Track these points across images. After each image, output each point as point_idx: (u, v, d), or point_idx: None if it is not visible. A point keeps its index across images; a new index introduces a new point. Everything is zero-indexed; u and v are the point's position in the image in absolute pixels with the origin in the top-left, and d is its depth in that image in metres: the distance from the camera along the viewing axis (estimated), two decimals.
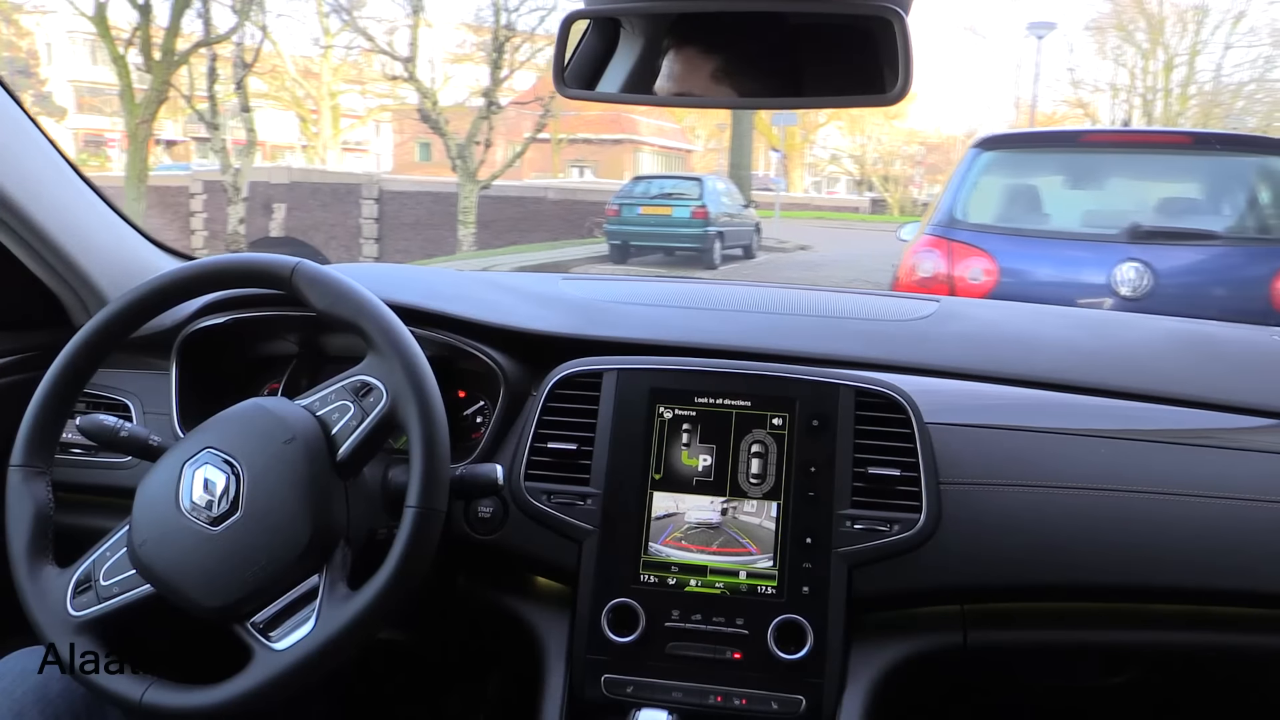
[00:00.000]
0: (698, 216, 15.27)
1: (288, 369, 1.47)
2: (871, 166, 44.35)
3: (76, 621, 1.05)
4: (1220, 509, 1.19)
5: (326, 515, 1.01)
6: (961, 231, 4.08)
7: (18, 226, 1.38)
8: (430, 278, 1.57)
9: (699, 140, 45.87)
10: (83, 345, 1.14)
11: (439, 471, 1.00)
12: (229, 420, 1.08)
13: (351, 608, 0.97)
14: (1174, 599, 1.20)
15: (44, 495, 1.11)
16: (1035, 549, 1.18)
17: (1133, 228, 3.89)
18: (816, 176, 49.53)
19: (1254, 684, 1.46)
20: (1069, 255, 4.03)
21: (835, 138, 46.47)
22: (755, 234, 17.56)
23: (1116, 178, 4.47)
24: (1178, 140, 4.59)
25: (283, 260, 1.09)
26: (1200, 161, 4.28)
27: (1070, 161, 4.48)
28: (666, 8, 1.07)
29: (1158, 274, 3.72)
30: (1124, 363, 1.43)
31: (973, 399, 1.34)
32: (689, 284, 1.82)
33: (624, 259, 15.94)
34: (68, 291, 1.49)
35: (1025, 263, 4.00)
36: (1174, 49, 35.29)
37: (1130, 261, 3.74)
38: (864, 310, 1.60)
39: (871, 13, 0.98)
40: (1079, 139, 4.60)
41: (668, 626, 1.16)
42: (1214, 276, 3.84)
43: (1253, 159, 4.17)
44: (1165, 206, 4.29)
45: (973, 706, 1.51)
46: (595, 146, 39.10)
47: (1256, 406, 1.32)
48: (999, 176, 4.35)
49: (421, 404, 1.01)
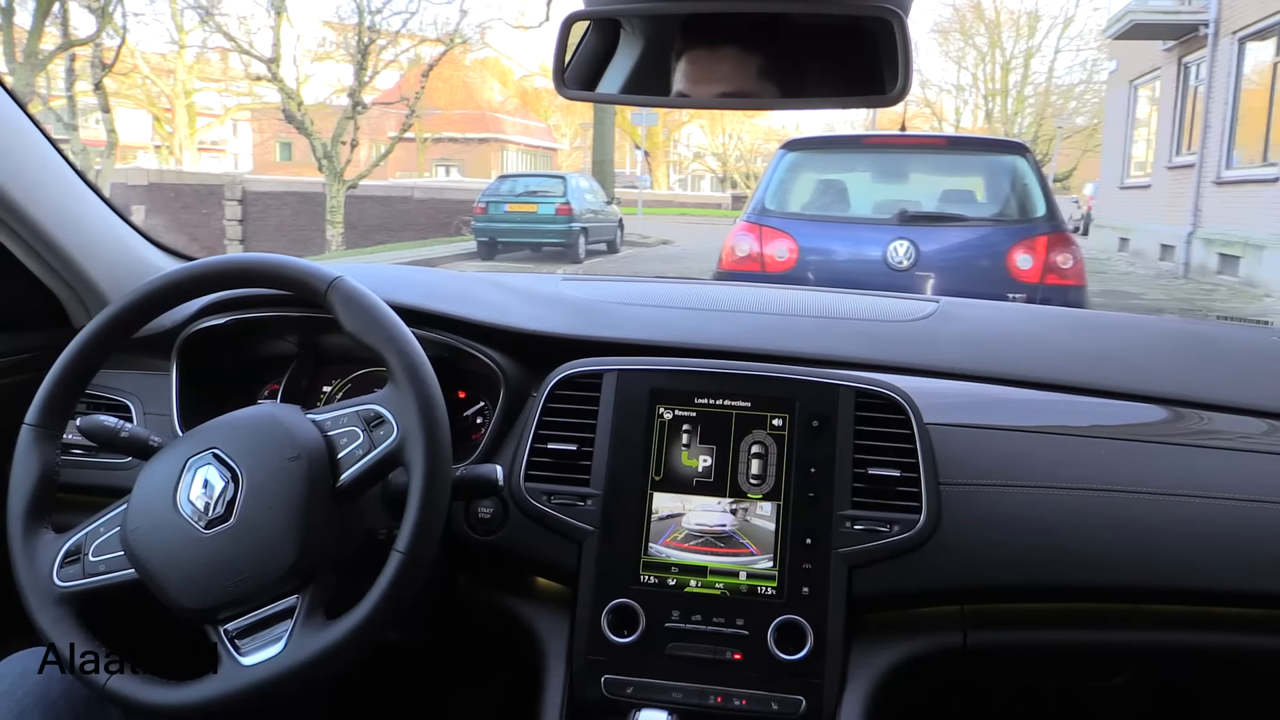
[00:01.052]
0: (562, 213, 15.60)
1: (288, 369, 1.47)
2: (734, 164, 45.54)
3: (59, 591, 1.05)
4: (1220, 509, 1.18)
5: (316, 539, 0.99)
6: (770, 218, 4.91)
7: (18, 227, 1.38)
8: (432, 278, 1.56)
9: (564, 139, 46.05)
10: (125, 312, 1.13)
11: (433, 522, 0.99)
12: (239, 424, 1.06)
13: (321, 640, 0.97)
14: (1174, 599, 1.19)
15: (52, 459, 1.11)
16: (1035, 549, 1.17)
17: (901, 213, 4.78)
18: (681, 174, 50.49)
19: (1254, 684, 1.44)
20: (853, 235, 4.91)
21: (698, 136, 47.59)
22: (619, 229, 18.10)
23: (892, 172, 5.42)
24: (936, 142, 5.67)
25: (322, 272, 1.08)
26: (955, 159, 5.33)
27: (856, 160, 5.43)
28: (667, 8, 1.07)
29: (920, 250, 4.60)
30: (1124, 363, 1.42)
31: (973, 399, 1.34)
32: (689, 285, 1.82)
33: (492, 255, 16.20)
34: (68, 291, 1.49)
35: (819, 242, 4.85)
36: (1010, 52, 37.67)
37: (900, 240, 4.62)
38: (864, 311, 1.59)
39: (871, 13, 0.99)
40: (862, 141, 5.58)
41: (668, 627, 1.16)
42: (964, 251, 4.74)
43: (994, 157, 5.18)
44: (927, 195, 5.25)
45: (973, 707, 1.48)
46: (461, 145, 38.89)
47: (1256, 407, 1.32)
48: (800, 172, 5.21)
49: (429, 449, 0.99)
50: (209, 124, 35.04)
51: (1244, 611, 1.21)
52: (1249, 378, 1.41)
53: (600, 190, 17.88)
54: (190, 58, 27.64)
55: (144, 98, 29.38)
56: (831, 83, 1.10)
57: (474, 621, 1.39)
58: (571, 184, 16.39)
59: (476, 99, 38.82)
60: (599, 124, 21.90)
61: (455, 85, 35.07)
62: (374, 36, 19.03)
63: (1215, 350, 1.54)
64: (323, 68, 27.71)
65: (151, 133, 32.23)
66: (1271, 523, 1.17)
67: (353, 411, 1.05)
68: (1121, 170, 19.66)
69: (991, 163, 5.11)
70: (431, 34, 22.07)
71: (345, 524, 1.03)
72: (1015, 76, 38.12)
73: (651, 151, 38.28)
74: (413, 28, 28.48)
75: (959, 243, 4.76)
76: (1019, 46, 37.60)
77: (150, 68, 27.54)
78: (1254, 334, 1.71)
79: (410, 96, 20.08)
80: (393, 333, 1.04)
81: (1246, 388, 1.36)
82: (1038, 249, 4.55)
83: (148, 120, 31.68)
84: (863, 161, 5.39)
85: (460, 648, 1.61)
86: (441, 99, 33.43)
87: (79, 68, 15.38)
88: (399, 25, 21.41)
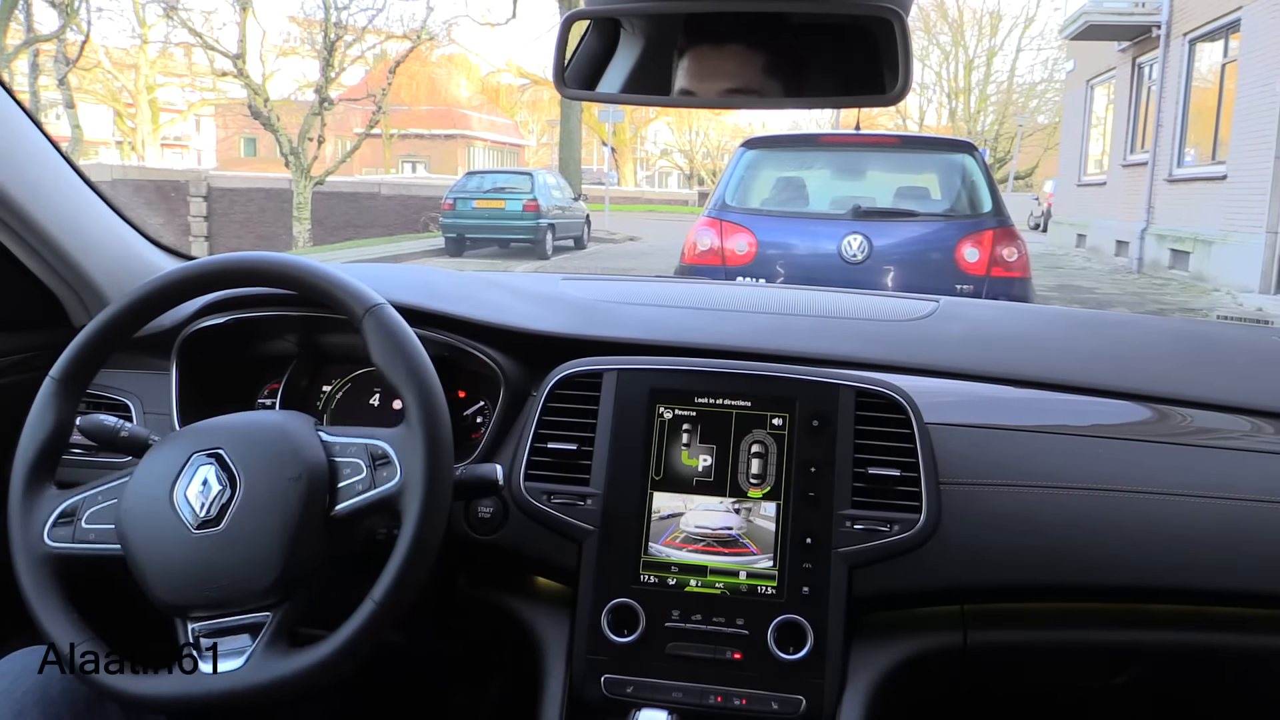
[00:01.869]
0: (530, 209, 15.75)
1: (288, 369, 1.47)
2: (701, 161, 45.86)
3: (46, 551, 1.05)
4: (1220, 509, 1.18)
5: (298, 562, 0.99)
6: (730, 213, 5.09)
7: (18, 226, 1.38)
8: (432, 278, 1.55)
9: (531, 135, 46.07)
10: (170, 285, 1.12)
11: (413, 574, 0.98)
12: (251, 430, 1.06)
13: (277, 669, 0.97)
14: (1174, 599, 1.19)
15: (68, 418, 1.11)
16: (1035, 549, 1.17)
17: (855, 208, 5.00)
18: (648, 171, 50.64)
19: (1254, 684, 1.43)
20: (809, 230, 5.10)
21: (665, 133, 47.81)
22: (586, 225, 18.29)
23: (848, 170, 5.62)
24: (889, 141, 5.87)
25: (366, 295, 1.07)
26: (907, 157, 5.57)
27: (813, 157, 5.63)
28: (667, 8, 1.07)
29: (874, 244, 4.80)
30: (1124, 363, 1.42)
31: (973, 399, 1.34)
32: (689, 284, 1.81)
33: (460, 251, 16.32)
34: (68, 291, 1.49)
35: (777, 236, 5.04)
36: (973, 51, 38.18)
37: (854, 234, 4.81)
38: (864, 310, 1.59)
39: (871, 13, 0.99)
40: (819, 140, 5.78)
41: (668, 627, 1.16)
42: (915, 245, 4.95)
43: (944, 155, 5.42)
44: (881, 191, 5.45)
45: (973, 707, 1.48)
46: (427, 141, 38.75)
47: (1256, 406, 1.32)
48: (759, 170, 5.41)
49: (426, 502, 0.99)
50: (172, 119, 34.75)
51: (1244, 611, 1.21)
52: (1249, 378, 1.40)
53: (567, 187, 18.06)
54: (153, 52, 27.38)
55: (105, 93, 29.11)
56: (832, 82, 1.11)
57: (474, 621, 1.38)
58: (539, 181, 16.53)
59: (443, 95, 38.75)
60: (566, 121, 21.99)
61: (421, 81, 35.00)
62: (340, 32, 19.04)
63: (1215, 350, 1.54)
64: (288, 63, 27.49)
65: (113, 128, 31.90)
66: (1271, 523, 1.17)
67: (362, 444, 1.04)
68: (1079, 168, 20.08)
69: (942, 161, 5.35)
70: (398, 30, 22.12)
71: (332, 548, 1.03)
72: (978, 75, 38.69)
73: (618, 148, 38.38)
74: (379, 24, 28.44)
75: (910, 237, 4.97)
76: (981, 45, 38.19)
77: (112, 62, 27.26)
78: (1254, 334, 1.69)
79: (377, 93, 20.04)
80: (418, 375, 1.03)
81: (1246, 388, 1.36)
82: (984, 243, 4.77)
83: (109, 115, 31.35)
84: (819, 159, 5.60)
85: (460, 648, 1.60)
86: (408, 95, 33.38)
87: (42, 62, 15.26)
88: (365, 21, 21.44)
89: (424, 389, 1.02)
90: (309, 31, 24.75)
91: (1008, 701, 1.50)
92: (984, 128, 38.81)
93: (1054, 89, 35.30)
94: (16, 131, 1.38)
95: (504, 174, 18.09)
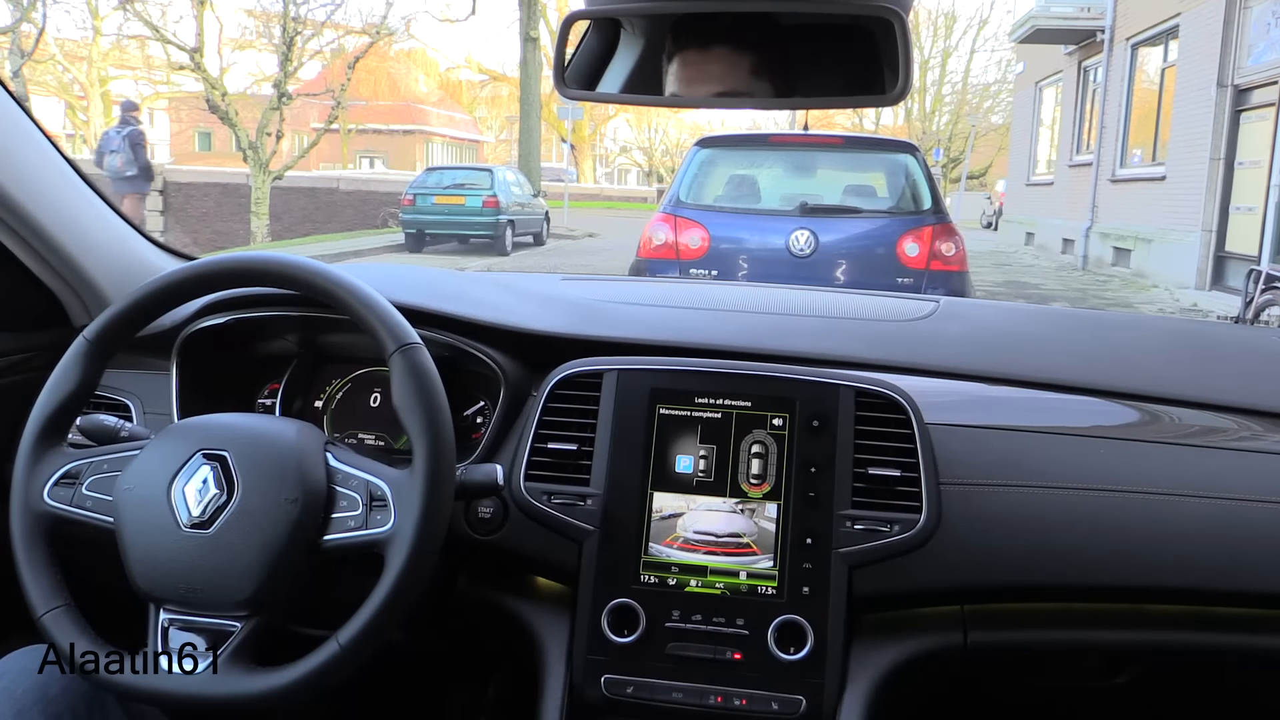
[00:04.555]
0: (489, 205, 15.82)
1: (288, 369, 1.46)
2: (660, 158, 46.03)
3: (42, 509, 1.05)
4: (1220, 509, 1.18)
5: (276, 583, 0.99)
6: (684, 209, 5.32)
7: (18, 226, 1.37)
8: (433, 277, 1.55)
9: (490, 132, 45.96)
10: (207, 272, 1.12)
11: (381, 622, 0.98)
12: (260, 438, 1.05)
13: (235, 686, 0.97)
14: (1174, 599, 1.19)
15: (93, 381, 1.11)
16: (1035, 549, 1.17)
17: (802, 205, 5.24)
18: (608, 168, 50.74)
19: (1254, 684, 1.44)
20: (760, 225, 5.35)
21: (625, 130, 47.94)
22: (545, 222, 18.38)
23: (798, 168, 5.89)
24: (835, 141, 6.15)
25: (405, 331, 1.06)
26: (853, 157, 5.85)
27: (763, 156, 5.91)
28: (667, 8, 1.07)
29: (820, 239, 5.04)
30: (1124, 363, 1.42)
31: (973, 399, 1.34)
32: (689, 285, 1.79)
33: (420, 247, 16.34)
34: (68, 291, 1.48)
35: (729, 231, 5.27)
36: (928, 51, 38.69)
37: (801, 230, 5.05)
38: (864, 310, 1.60)
39: (871, 13, 0.99)
40: (768, 140, 6.05)
41: (668, 627, 1.16)
42: (859, 240, 5.21)
43: (887, 155, 5.71)
44: (828, 189, 5.72)
45: (973, 707, 1.49)
46: (385, 137, 38.54)
47: (1256, 407, 1.32)
48: (712, 168, 5.64)
49: (409, 557, 0.98)
50: None
51: (1244, 611, 1.21)
52: (1249, 378, 1.41)
53: (527, 183, 18.12)
54: (106, 44, 27.01)
55: (57, 85, 28.64)
56: (832, 82, 1.11)
57: (474, 621, 1.37)
58: (498, 177, 16.58)
59: (402, 91, 38.60)
60: (525, 117, 22.02)
61: (380, 77, 34.87)
62: (299, 27, 18.92)
63: (1215, 350, 1.54)
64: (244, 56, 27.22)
65: (64, 121, 31.39)
66: (1271, 523, 1.17)
67: (364, 479, 1.04)
68: (1028, 168, 20.59)
69: (885, 160, 5.62)
70: (357, 24, 22.05)
71: (313, 575, 1.03)
72: (933, 75, 39.22)
73: (578, 145, 38.52)
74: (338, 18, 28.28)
75: (855, 233, 5.23)
76: (936, 46, 38.68)
77: (64, 54, 26.87)
78: (1254, 334, 1.71)
79: (335, 87, 19.99)
80: (435, 425, 1.02)
81: (1246, 388, 1.36)
82: (924, 238, 5.03)
83: (60, 108, 30.87)
84: (769, 158, 5.87)
85: (460, 647, 1.60)
86: (366, 90, 33.20)
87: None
88: (324, 15, 21.35)
89: (437, 441, 1.02)
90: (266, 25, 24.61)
91: (1008, 701, 1.50)
92: (939, 127, 39.38)
93: (1007, 90, 35.74)
94: (17, 131, 1.39)
95: (464, 170, 18.06)
